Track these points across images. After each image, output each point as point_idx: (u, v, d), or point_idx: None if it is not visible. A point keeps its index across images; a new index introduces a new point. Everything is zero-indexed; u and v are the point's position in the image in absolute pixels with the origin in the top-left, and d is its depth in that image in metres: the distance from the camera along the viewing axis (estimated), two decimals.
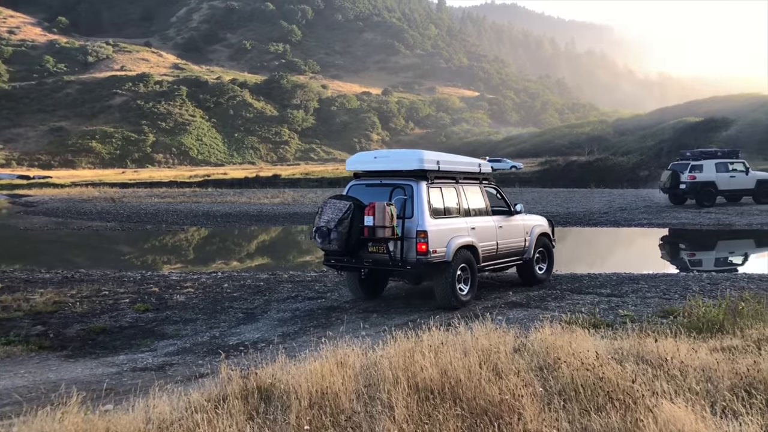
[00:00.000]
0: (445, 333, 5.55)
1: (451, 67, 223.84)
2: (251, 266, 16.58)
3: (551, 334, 5.52)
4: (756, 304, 7.53)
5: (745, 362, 4.65)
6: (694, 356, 4.89)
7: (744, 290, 9.55)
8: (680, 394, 3.95)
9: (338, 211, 8.87)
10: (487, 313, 8.42)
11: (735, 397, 3.92)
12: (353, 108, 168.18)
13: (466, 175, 10.33)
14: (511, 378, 4.16)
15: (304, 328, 8.53)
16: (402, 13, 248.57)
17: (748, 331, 6.17)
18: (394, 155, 10.08)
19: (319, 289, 11.37)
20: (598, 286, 10.90)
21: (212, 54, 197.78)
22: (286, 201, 36.38)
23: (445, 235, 9.12)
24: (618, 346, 5.37)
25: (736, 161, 27.13)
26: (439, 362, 4.46)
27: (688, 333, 6.19)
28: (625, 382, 4.06)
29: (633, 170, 48.44)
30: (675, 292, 10.08)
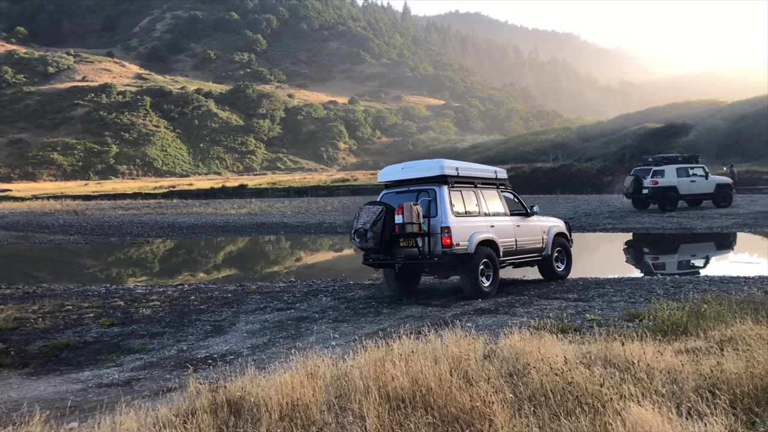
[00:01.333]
0: (416, 341, 5.55)
1: (417, 75, 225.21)
2: (218, 278, 16.41)
3: (520, 340, 5.57)
4: (718, 306, 7.70)
5: (709, 363, 4.74)
6: (660, 359, 4.97)
7: (706, 292, 9.75)
8: (647, 396, 4.01)
9: (372, 214, 10.23)
10: (456, 321, 8.48)
11: (700, 398, 3.99)
12: (320, 117, 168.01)
13: (484, 181, 11.60)
14: (482, 385, 4.18)
15: (274, 339, 8.46)
16: (367, 22, 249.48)
17: (710, 332, 6.28)
18: (419, 165, 11.32)
19: (288, 300, 11.30)
20: (565, 291, 11.03)
21: (176, 64, 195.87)
22: (253, 211, 36.13)
23: (467, 231, 10.40)
24: (586, 351, 5.43)
25: (696, 166, 27.77)
26: (410, 371, 4.46)
27: (653, 336, 6.29)
28: (594, 386, 4.11)
29: (597, 176, 49.27)
30: (640, 296, 10.24)
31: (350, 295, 11.59)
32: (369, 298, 11.29)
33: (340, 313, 9.95)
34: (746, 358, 4.78)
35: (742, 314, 7.13)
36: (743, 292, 9.87)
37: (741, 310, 7.56)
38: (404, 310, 9.99)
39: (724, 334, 6.06)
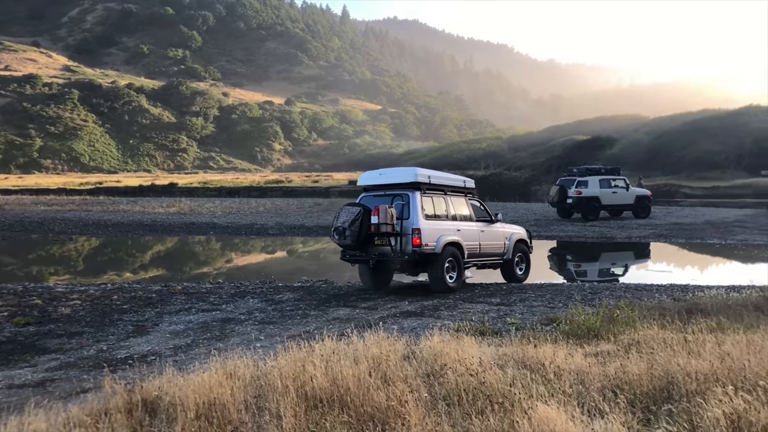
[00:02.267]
0: (338, 342, 5.62)
1: (354, 79, 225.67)
2: (144, 277, 16.02)
3: (440, 341, 5.72)
4: (629, 311, 8.09)
5: (614, 365, 5.00)
6: (570, 361, 5.21)
7: (620, 299, 10.21)
8: (555, 396, 4.20)
9: (351, 214, 11.28)
10: (382, 323, 8.60)
11: (603, 398, 4.22)
12: (255, 117, 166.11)
13: (453, 189, 12.64)
14: (399, 385, 4.29)
15: (197, 340, 8.35)
16: (306, 24, 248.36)
17: (621, 336, 6.60)
18: (395, 172, 12.33)
19: (214, 301, 11.16)
20: (488, 296, 11.32)
21: (107, 57, 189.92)
22: (182, 210, 35.38)
23: (435, 233, 11.43)
24: (502, 353, 5.62)
25: (618, 178, 28.94)
26: (330, 371, 4.52)
27: (567, 339, 6.57)
28: (505, 386, 4.28)
29: (525, 185, 50.57)
30: (559, 301, 10.61)
31: (278, 298, 11.54)
32: (297, 300, 11.26)
33: (266, 315, 9.90)
34: (648, 360, 5.06)
35: (651, 319, 7.54)
36: (654, 299, 10.38)
37: (650, 315, 7.98)
38: (332, 312, 10.03)
39: (633, 338, 6.38)
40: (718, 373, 4.61)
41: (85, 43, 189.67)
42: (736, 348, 5.36)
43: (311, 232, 25.51)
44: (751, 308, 8.73)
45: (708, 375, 4.57)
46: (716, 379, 4.46)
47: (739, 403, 3.75)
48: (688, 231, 24.14)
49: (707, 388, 4.24)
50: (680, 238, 22.30)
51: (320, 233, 25.07)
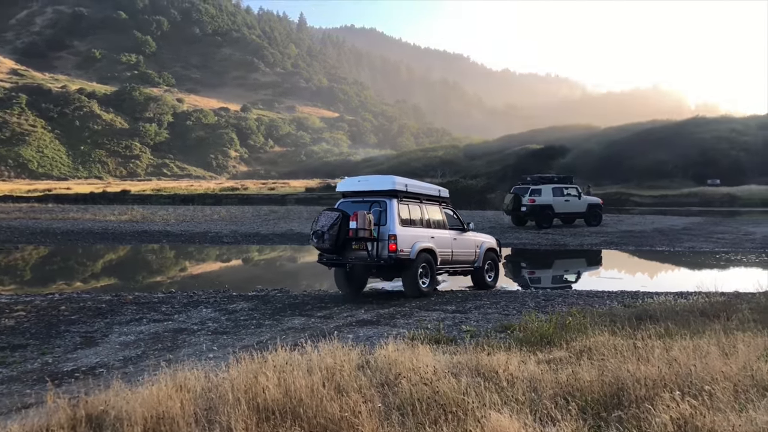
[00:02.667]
0: (292, 353, 5.56)
1: (312, 87, 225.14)
2: (94, 287, 15.60)
3: (395, 350, 5.70)
4: (581, 318, 8.22)
5: (566, 372, 5.06)
6: (524, 368, 5.25)
7: (573, 305, 10.38)
8: (507, 404, 4.22)
9: (330, 218, 11.56)
10: (337, 332, 8.55)
11: (555, 405, 4.26)
12: (210, 123, 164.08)
13: (428, 197, 13.08)
14: (353, 395, 4.25)
15: (148, 351, 8.15)
16: (262, 30, 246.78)
17: (573, 343, 6.69)
18: (373, 180, 12.76)
19: (167, 311, 10.92)
20: (444, 303, 11.36)
21: (57, 61, 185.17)
22: (134, 218, 34.65)
23: (410, 239, 11.82)
24: (456, 361, 5.64)
25: (570, 186, 29.49)
26: (283, 382, 4.46)
27: (520, 346, 6.62)
28: (458, 395, 4.29)
29: (481, 193, 51.11)
30: (513, 308, 10.72)
31: (232, 307, 11.36)
32: (251, 309, 11.11)
33: (220, 325, 9.74)
34: (599, 366, 5.14)
35: (602, 326, 7.66)
36: (605, 306, 10.58)
37: (601, 322, 8.12)
38: (287, 321, 9.92)
39: (584, 344, 6.47)
40: (666, 378, 4.71)
41: (33, 47, 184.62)
42: (683, 353, 5.49)
43: (267, 240, 25.26)
44: (697, 314, 8.96)
45: (656, 381, 4.66)
46: (664, 385, 4.55)
47: (686, 408, 3.83)
48: (638, 238, 24.72)
49: (656, 394, 4.32)
50: (630, 246, 22.82)
51: (276, 241, 24.85)
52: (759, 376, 4.73)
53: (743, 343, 5.95)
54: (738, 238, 24.68)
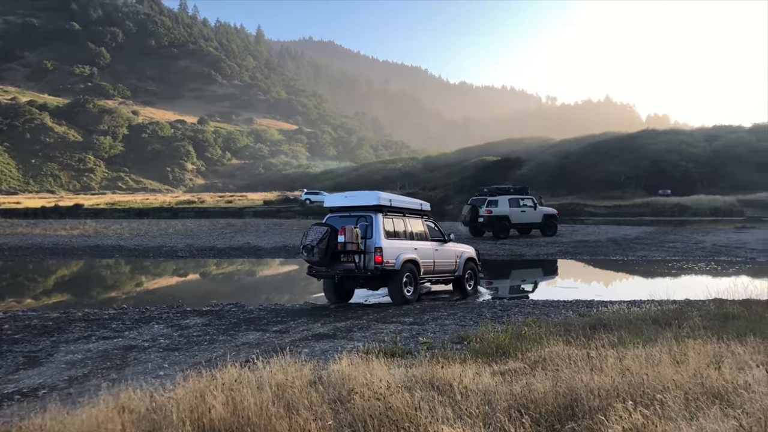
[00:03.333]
0: (242, 370, 5.41)
1: (270, 99, 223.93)
2: (42, 304, 15.08)
3: (349, 365, 5.60)
4: (537, 328, 8.24)
5: (521, 384, 5.03)
6: (478, 380, 5.20)
7: (529, 315, 10.43)
8: (461, 418, 4.16)
9: (319, 233, 12.16)
10: (292, 347, 8.39)
11: (508, 418, 4.20)
12: (166, 136, 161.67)
13: (411, 211, 13.75)
14: (303, 412, 4.14)
15: (96, 370, 7.86)
16: (219, 42, 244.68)
17: (528, 353, 6.67)
18: (359, 195, 13.39)
19: (117, 328, 10.60)
20: (400, 315, 11.29)
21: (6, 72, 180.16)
22: (86, 233, 33.78)
23: (395, 251, 12.51)
24: (411, 374, 5.56)
25: (526, 197, 29.85)
26: (231, 401, 4.32)
27: (476, 358, 6.58)
28: (411, 409, 4.20)
29: (439, 204, 51.28)
30: (470, 319, 10.70)
31: (185, 323, 11.09)
32: (205, 325, 10.86)
33: (172, 342, 9.48)
34: (553, 377, 5.12)
35: (557, 336, 7.69)
36: (560, 315, 10.66)
37: (556, 332, 8.15)
38: (241, 337, 9.72)
39: (539, 355, 6.47)
40: (619, 388, 4.71)
41: None
42: (636, 362, 5.52)
43: (223, 254, 24.87)
44: (650, 322, 9.08)
45: (610, 391, 4.65)
46: (617, 395, 4.55)
47: (638, 419, 3.82)
48: (592, 248, 25.11)
49: (609, 404, 4.31)
50: (585, 255, 23.16)
51: (232, 255, 24.49)
52: (709, 383, 4.77)
53: (694, 351, 6.02)
54: (688, 247, 25.27)
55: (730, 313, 9.59)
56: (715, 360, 5.42)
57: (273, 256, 24.21)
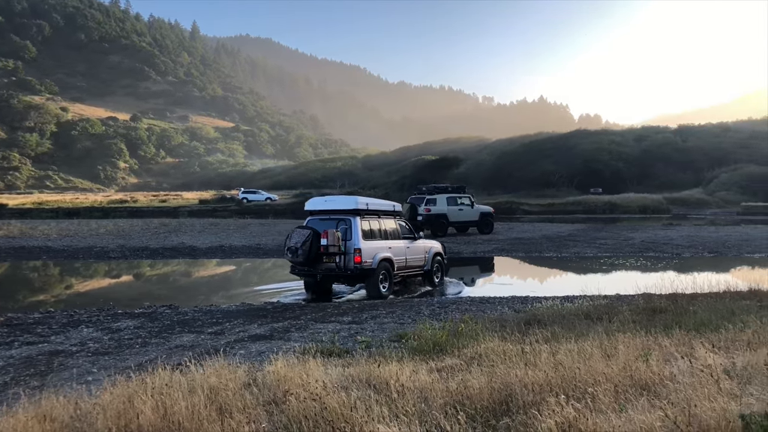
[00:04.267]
0: (174, 373, 5.25)
1: (205, 96, 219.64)
2: None
3: (285, 366, 5.51)
4: (474, 324, 8.31)
5: (457, 380, 5.05)
6: (415, 378, 5.20)
7: (466, 312, 10.53)
8: (397, 417, 4.14)
9: (302, 236, 13.16)
10: (228, 348, 8.24)
11: (445, 415, 4.21)
12: (97, 133, 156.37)
13: (385, 213, 14.79)
14: (236, 415, 4.04)
15: (18, 378, 7.49)
16: (153, 38, 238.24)
17: (464, 350, 6.73)
18: (338, 199, 14.49)
19: (42, 332, 10.16)
20: (340, 314, 11.24)
21: None
22: (11, 234, 32.33)
23: (372, 251, 13.57)
24: (348, 374, 5.52)
25: (463, 196, 30.25)
26: (161, 405, 4.18)
27: (413, 356, 6.59)
28: (347, 409, 4.16)
29: None
30: (409, 317, 10.74)
31: (116, 326, 10.73)
32: (137, 328, 10.54)
33: (102, 345, 9.15)
34: (488, 373, 5.18)
35: (493, 332, 7.79)
36: (496, 311, 10.82)
37: (492, 328, 8.26)
38: (175, 339, 9.47)
39: (476, 351, 6.53)
40: (552, 382, 4.79)
41: None
42: (569, 357, 5.63)
43: (157, 254, 24.23)
44: (582, 317, 9.32)
45: (543, 385, 4.73)
46: (550, 389, 4.62)
47: (570, 412, 3.89)
48: (527, 245, 25.64)
49: (542, 399, 4.37)
50: (521, 252, 23.61)
51: (167, 255, 23.89)
52: (637, 375, 4.91)
53: (623, 344, 6.18)
54: (619, 244, 26.10)
55: (658, 307, 9.93)
56: (643, 353, 5.58)
57: (209, 257, 23.75)
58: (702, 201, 61.52)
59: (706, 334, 7.09)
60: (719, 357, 5.63)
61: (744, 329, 7.12)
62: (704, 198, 62.74)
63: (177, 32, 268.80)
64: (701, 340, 6.48)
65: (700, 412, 3.72)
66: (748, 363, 5.24)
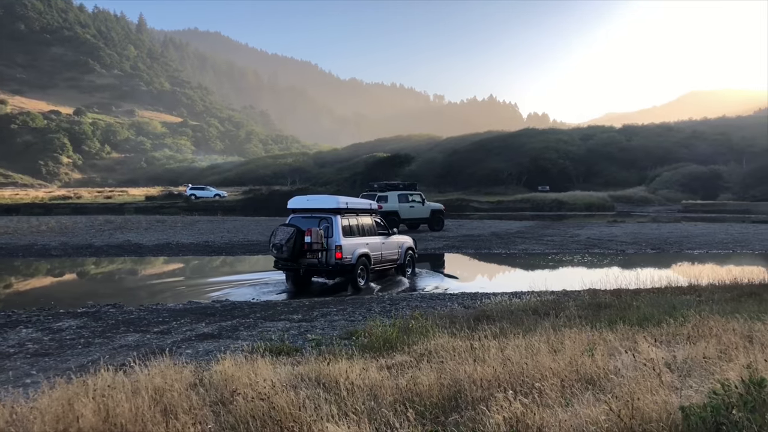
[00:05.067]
0: (117, 374, 5.10)
1: (153, 90, 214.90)
2: None
3: (233, 365, 5.42)
4: (424, 321, 8.35)
5: (407, 377, 5.06)
6: (365, 375, 5.18)
7: (417, 309, 10.57)
8: (346, 415, 4.12)
9: (287, 233, 14.07)
10: (174, 348, 8.07)
11: (394, 412, 4.21)
12: (39, 127, 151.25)
13: (363, 211, 15.83)
14: (182, 416, 3.95)
15: None
16: (97, 30, 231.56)
17: (415, 347, 6.74)
18: (320, 199, 15.54)
19: None
20: (290, 312, 11.14)
21: None
22: None
23: (352, 248, 14.59)
24: (297, 372, 5.47)
25: (414, 193, 30.42)
26: (103, 407, 4.05)
27: (363, 353, 6.58)
28: (295, 408, 4.12)
29: None
30: (359, 314, 10.72)
31: (58, 326, 10.39)
32: (80, 327, 10.22)
33: (42, 346, 8.84)
34: (438, 369, 5.20)
35: (442, 328, 7.83)
36: (446, 308, 10.89)
37: (442, 324, 8.30)
38: (119, 339, 9.23)
39: (426, 347, 6.55)
40: (500, 378, 4.84)
41: None
42: (517, 352, 5.70)
43: (101, 252, 23.59)
44: (530, 312, 9.46)
45: (492, 381, 4.77)
46: (499, 385, 4.67)
47: (518, 407, 3.93)
48: (477, 242, 25.93)
49: (491, 395, 4.41)
50: (470, 249, 23.86)
51: (111, 253, 23.29)
52: (583, 370, 5.00)
53: (570, 339, 6.30)
54: (565, 240, 26.64)
55: (603, 302, 10.17)
56: (588, 348, 5.69)
57: (155, 254, 23.25)
58: (645, 198, 63.40)
59: (648, 329, 7.28)
60: (661, 351, 5.79)
61: (684, 323, 7.33)
62: (647, 196, 64.69)
63: (123, 24, 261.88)
64: (644, 335, 6.64)
65: (643, 405, 3.80)
66: (688, 356, 5.40)
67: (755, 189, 61.78)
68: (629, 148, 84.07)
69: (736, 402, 3.65)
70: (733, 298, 10.25)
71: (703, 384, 4.39)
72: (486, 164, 78.19)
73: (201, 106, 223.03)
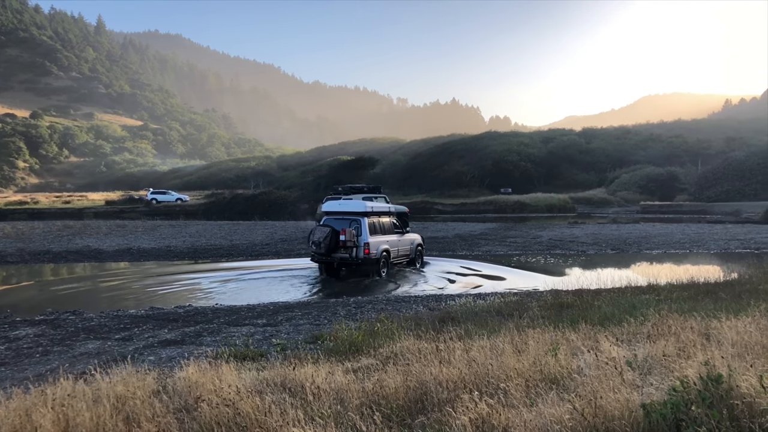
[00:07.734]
0: (77, 382, 4.98)
1: (112, 93, 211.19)
2: None
3: (197, 371, 5.35)
4: (389, 324, 8.35)
5: (373, 380, 5.05)
6: (331, 379, 5.16)
7: (382, 311, 10.57)
8: (312, 419, 4.10)
9: (323, 232, 17.14)
10: (136, 355, 7.92)
11: (360, 416, 4.20)
12: None
13: (384, 213, 18.77)
14: (145, 425, 3.88)
15: None
16: (54, 31, 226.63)
17: (381, 350, 6.74)
18: (351, 203, 18.26)
19: None
20: (255, 317, 11.04)
21: None
22: None
23: (376, 245, 17.44)
24: (263, 377, 5.42)
25: (379, 196, 30.37)
26: (63, 417, 3.96)
27: (329, 357, 6.55)
28: (261, 414, 4.08)
29: (294, 203, 50.99)
30: (325, 318, 10.68)
31: (14, 334, 10.12)
32: (38, 336, 9.97)
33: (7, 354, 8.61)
34: (404, 372, 5.20)
35: (408, 331, 7.85)
36: (412, 310, 10.92)
37: (408, 326, 8.32)
38: (79, 346, 9.03)
39: (392, 350, 6.55)
40: (466, 379, 4.87)
41: None
42: (482, 353, 5.74)
43: (60, 258, 23.06)
44: (494, 313, 9.55)
45: (457, 382, 4.80)
46: (464, 386, 4.69)
47: (483, 408, 3.96)
48: (441, 244, 26.06)
49: (456, 396, 4.43)
50: (434, 251, 23.96)
51: (71, 259, 22.78)
52: (547, 370, 5.06)
53: (533, 340, 6.37)
54: (528, 242, 26.95)
55: (565, 302, 10.31)
56: (552, 348, 5.76)
57: (116, 260, 22.81)
58: (605, 200, 64.53)
59: (610, 328, 7.40)
60: (622, 350, 5.89)
61: (644, 322, 7.47)
62: (607, 197, 65.84)
63: (81, 26, 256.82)
64: (606, 334, 6.75)
65: (606, 404, 3.87)
66: (648, 354, 5.51)
67: (710, 190, 63.33)
68: (589, 150, 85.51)
69: (694, 398, 3.74)
70: (690, 296, 10.49)
71: (663, 381, 4.48)
72: (449, 167, 78.67)
73: (162, 109, 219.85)
